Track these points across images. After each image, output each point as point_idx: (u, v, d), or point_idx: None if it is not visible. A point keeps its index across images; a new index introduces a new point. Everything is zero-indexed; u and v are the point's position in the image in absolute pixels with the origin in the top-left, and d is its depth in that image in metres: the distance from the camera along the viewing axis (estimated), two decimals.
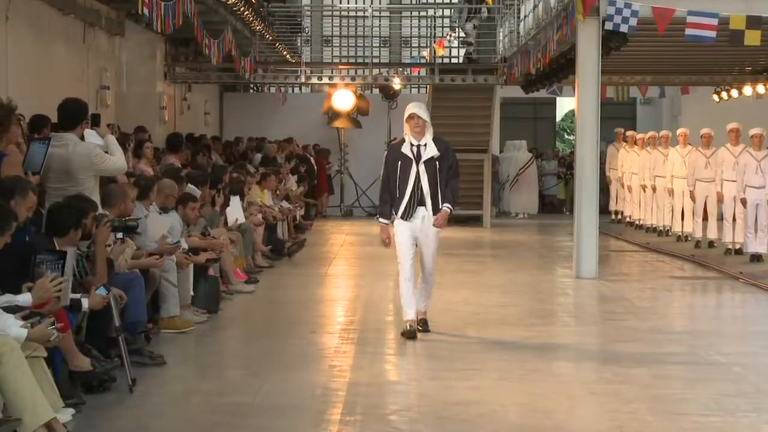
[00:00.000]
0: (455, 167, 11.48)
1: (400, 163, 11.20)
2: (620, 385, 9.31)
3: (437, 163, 11.15)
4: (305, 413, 8.17)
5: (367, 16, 34.12)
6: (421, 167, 11.11)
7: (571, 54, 17.61)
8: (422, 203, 11.15)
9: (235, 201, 16.31)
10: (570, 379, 9.88)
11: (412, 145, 11.17)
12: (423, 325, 11.40)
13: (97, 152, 10.33)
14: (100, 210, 9.56)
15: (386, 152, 11.74)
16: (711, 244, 21.00)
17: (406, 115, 11.25)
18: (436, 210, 11.11)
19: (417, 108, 11.24)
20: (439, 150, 11.15)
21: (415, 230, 11.26)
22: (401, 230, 11.29)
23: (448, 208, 11.20)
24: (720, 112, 25.81)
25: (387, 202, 11.37)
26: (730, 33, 16.04)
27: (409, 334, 11.10)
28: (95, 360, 8.40)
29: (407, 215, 11.19)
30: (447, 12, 34.90)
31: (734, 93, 26.77)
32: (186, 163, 16.68)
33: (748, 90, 25.85)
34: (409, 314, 11.31)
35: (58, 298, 7.68)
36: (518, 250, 21.88)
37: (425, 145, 11.15)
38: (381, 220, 11.62)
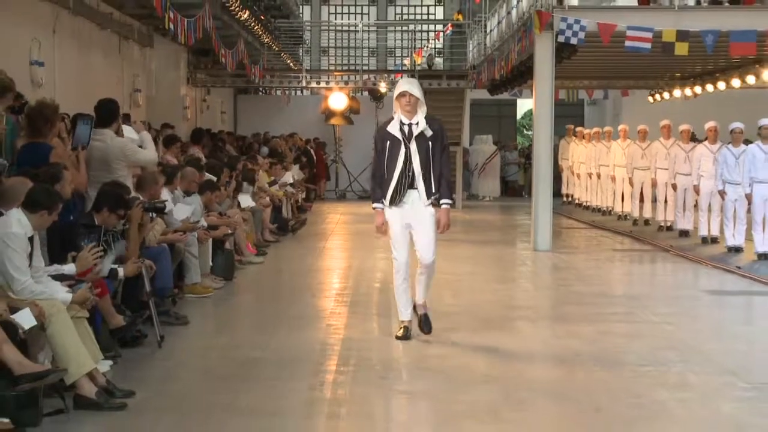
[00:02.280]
0: (447, 149, 9.21)
1: (388, 143, 8.86)
2: (570, 340, 9.36)
3: (430, 142, 8.82)
4: (306, 365, 8.18)
5: (358, 31, 34.27)
6: (412, 146, 8.79)
7: (529, 62, 17.58)
8: (413, 186, 8.83)
9: (247, 187, 16.41)
10: (529, 335, 9.92)
11: (402, 123, 8.82)
12: (425, 322, 9.07)
13: (130, 146, 10.32)
14: (133, 193, 9.55)
15: (375, 134, 9.28)
16: (646, 222, 21.16)
17: (396, 92, 8.86)
18: (428, 194, 8.83)
19: (408, 85, 8.84)
20: (432, 129, 8.84)
21: (407, 216, 8.90)
22: (392, 219, 8.95)
23: (447, 204, 9.03)
24: (654, 111, 25.84)
25: (379, 186, 8.99)
26: (662, 45, 16.07)
27: (403, 338, 8.95)
28: (129, 319, 8.42)
29: (396, 200, 8.86)
30: (425, 27, 34.97)
31: (666, 95, 26.84)
32: (206, 155, 16.73)
33: (677, 93, 25.91)
34: (405, 315, 9.08)
35: (95, 265, 7.72)
36: (485, 227, 21.89)
37: (416, 123, 8.79)
38: (375, 205, 9.06)
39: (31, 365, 6.29)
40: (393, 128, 8.86)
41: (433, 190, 8.85)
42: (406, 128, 8.80)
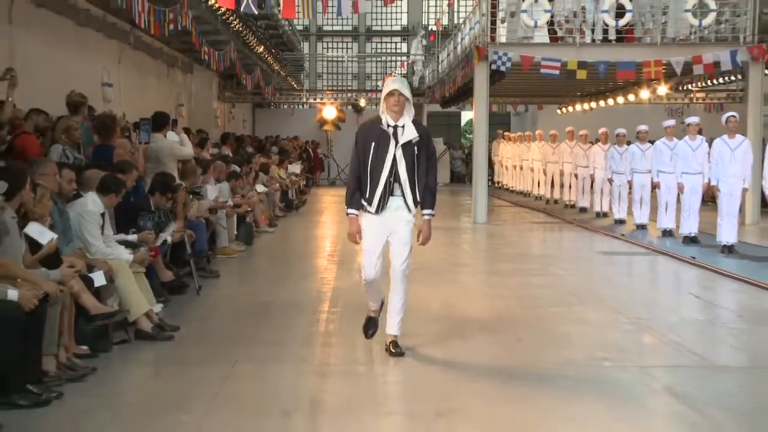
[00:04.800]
0: (434, 157, 6.48)
1: (374, 143, 6.19)
2: (500, 289, 9.40)
3: (416, 148, 6.24)
4: (307, 307, 8.20)
5: (344, 60, 34.15)
6: (398, 152, 6.18)
7: (470, 84, 17.60)
8: (396, 193, 6.24)
9: (262, 176, 16.47)
10: (469, 285, 9.95)
11: (388, 125, 6.23)
12: (394, 347, 6.28)
13: (175, 146, 10.36)
14: (178, 181, 9.54)
15: (356, 134, 6.40)
16: (555, 201, 21.27)
17: (385, 91, 6.24)
18: (414, 202, 6.28)
19: (398, 83, 6.27)
20: (419, 134, 6.25)
21: (386, 225, 6.26)
22: (369, 226, 6.28)
23: (429, 215, 6.43)
24: (561, 120, 25.94)
25: (356, 190, 6.29)
26: (567, 71, 16.13)
27: (368, 333, 6.59)
28: (175, 274, 8.43)
29: (380, 207, 6.21)
30: (394, 58, 34.94)
31: (570, 108, 26.96)
32: (231, 152, 16.78)
33: (578, 107, 26.02)
34: (374, 307, 6.64)
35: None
36: (437, 205, 21.90)
37: (403, 126, 6.23)
38: (350, 211, 6.36)
39: (103, 307, 6.30)
40: (382, 127, 6.24)
41: (418, 199, 6.30)
42: (391, 130, 6.21)
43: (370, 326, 6.63)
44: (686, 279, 10.39)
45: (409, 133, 6.20)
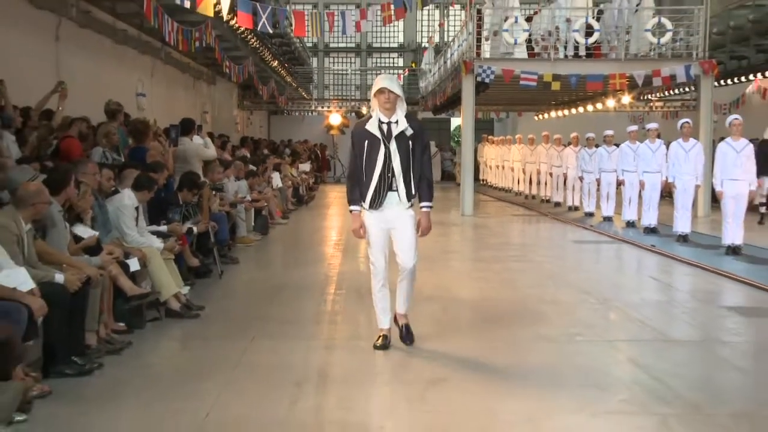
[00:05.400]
0: (428, 150, 5.89)
1: (367, 141, 5.63)
2: (485, 273, 9.41)
3: (410, 142, 5.62)
4: (315, 289, 8.20)
5: (348, 73, 34.08)
6: (392, 146, 5.57)
7: (458, 94, 17.57)
8: (393, 188, 5.64)
9: (276, 174, 16.42)
10: (458, 269, 9.96)
11: (381, 122, 5.61)
12: (406, 332, 5.89)
13: (200, 148, 10.36)
14: (202, 179, 9.53)
15: (351, 134, 5.87)
16: (533, 197, 21.24)
17: (374, 89, 5.64)
18: (409, 195, 5.67)
19: (388, 81, 5.60)
20: (412, 128, 5.64)
21: (386, 220, 5.72)
22: (371, 224, 5.75)
23: (428, 207, 5.81)
24: (538, 126, 25.98)
25: (355, 187, 5.74)
26: (543, 83, 16.09)
27: (381, 348, 5.74)
28: (200, 260, 8.42)
29: (376, 203, 5.66)
30: (392, 71, 34.86)
31: (546, 115, 26.91)
32: (249, 154, 16.75)
33: (553, 114, 26.00)
34: (384, 323, 5.89)
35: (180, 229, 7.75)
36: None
37: (396, 122, 5.61)
38: (352, 208, 5.79)
39: (138, 289, 6.29)
40: (372, 127, 5.61)
41: (413, 192, 5.69)
42: (385, 126, 5.58)
43: (385, 342, 5.78)
44: (647, 264, 10.39)
45: (402, 127, 5.59)
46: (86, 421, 4.18)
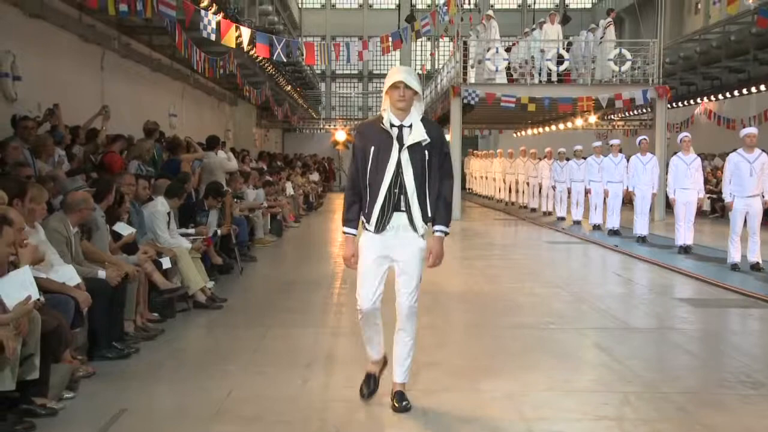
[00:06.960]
0: (449, 162, 3.74)
1: (374, 148, 3.60)
2: (470, 269, 9.39)
3: (426, 152, 3.60)
4: (323, 284, 8.18)
5: (352, 96, 34.04)
6: (404, 155, 3.57)
7: (447, 114, 17.61)
8: (400, 208, 3.62)
9: (289, 184, 16.42)
10: (447, 266, 9.86)
11: (392, 125, 3.61)
12: (399, 399, 3.81)
13: (224, 161, 10.36)
14: (226, 188, 9.53)
15: (354, 135, 3.91)
16: (512, 203, 21.23)
17: (388, 83, 3.66)
18: (424, 219, 3.67)
19: (404, 74, 3.64)
20: (429, 134, 3.61)
21: (388, 247, 3.69)
22: (368, 248, 3.71)
23: (442, 232, 3.75)
24: (517, 141, 25.92)
25: (354, 204, 3.71)
26: (521, 105, 16.13)
27: (367, 395, 3.95)
28: (224, 258, 8.41)
29: (380, 225, 3.64)
30: None
31: (523, 133, 26.92)
32: (266, 166, 16.74)
33: (530, 131, 26.00)
34: (373, 356, 4.02)
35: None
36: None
37: (410, 126, 3.61)
38: (346, 230, 3.75)
39: (169, 284, 6.27)
40: (383, 128, 3.66)
41: (429, 215, 3.70)
42: (396, 131, 3.64)
43: (369, 384, 4.00)
44: (611, 262, 10.38)
45: (417, 135, 3.63)
46: (126, 397, 4.19)
